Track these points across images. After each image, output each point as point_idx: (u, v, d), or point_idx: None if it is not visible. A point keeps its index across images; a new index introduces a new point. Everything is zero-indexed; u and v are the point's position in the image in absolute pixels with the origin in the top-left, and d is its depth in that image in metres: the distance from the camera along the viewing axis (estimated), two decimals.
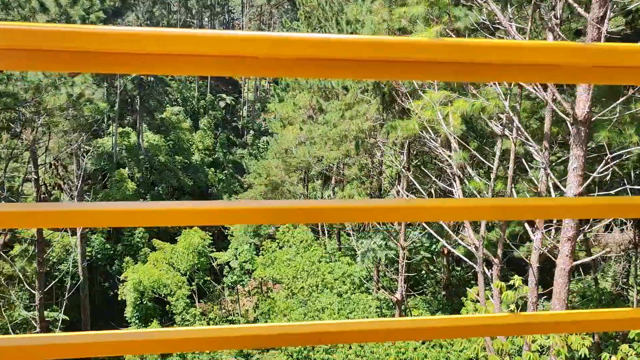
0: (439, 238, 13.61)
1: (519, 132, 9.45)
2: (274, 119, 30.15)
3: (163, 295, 30.65)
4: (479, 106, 8.73)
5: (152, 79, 41.46)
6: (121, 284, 32.87)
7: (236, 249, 32.22)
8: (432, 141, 11.03)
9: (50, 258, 29.62)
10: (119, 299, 31.39)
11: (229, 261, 32.41)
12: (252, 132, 59.20)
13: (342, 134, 14.88)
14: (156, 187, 41.35)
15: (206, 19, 71.18)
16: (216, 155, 52.49)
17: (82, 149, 23.00)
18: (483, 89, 10.12)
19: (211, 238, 35.62)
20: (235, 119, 63.70)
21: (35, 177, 14.23)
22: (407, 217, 0.95)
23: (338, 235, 27.70)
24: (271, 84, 67.79)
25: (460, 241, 11.67)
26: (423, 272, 20.94)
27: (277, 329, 0.90)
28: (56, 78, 13.08)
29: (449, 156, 10.69)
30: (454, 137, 10.24)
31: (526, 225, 9.95)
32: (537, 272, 8.76)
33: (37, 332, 14.86)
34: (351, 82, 15.63)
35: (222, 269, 33.53)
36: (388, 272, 20.21)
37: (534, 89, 9.14)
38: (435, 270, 20.48)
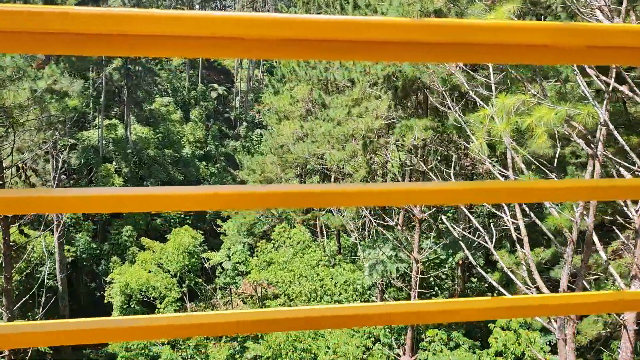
0: (465, 250, 11.88)
1: (605, 149, 7.60)
2: (269, 112, 28.39)
3: (152, 299, 29.02)
4: (564, 114, 6.83)
5: (139, 68, 39.33)
6: (108, 286, 31.28)
7: (229, 249, 30.54)
8: (481, 156, 9.11)
9: (32, 259, 27.91)
10: (106, 301, 29.82)
11: (222, 262, 30.71)
12: (245, 123, 57.27)
13: (349, 134, 13.14)
14: (145, 182, 39.47)
15: (197, 6, 68.95)
16: (208, 148, 50.58)
17: (57, 149, 21.11)
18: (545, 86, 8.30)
19: (203, 236, 34.03)
20: (227, 109, 61.73)
21: (0, 182, 12.53)
22: (402, 201, 0.89)
23: (337, 236, 26.07)
24: (265, 74, 65.81)
25: (500, 261, 9.87)
26: (431, 279, 19.36)
27: (264, 314, 0.88)
28: (14, 71, 11.23)
29: (505, 177, 8.87)
30: (519, 156, 8.41)
31: (612, 269, 8.11)
32: (634, 336, 6.94)
33: (5, 354, 13.22)
34: (358, 75, 13.85)
35: (214, 270, 31.89)
36: (394, 279, 18.60)
37: (632, 92, 7.28)
38: (444, 277, 18.88)
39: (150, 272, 30.11)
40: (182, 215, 38.84)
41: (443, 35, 0.73)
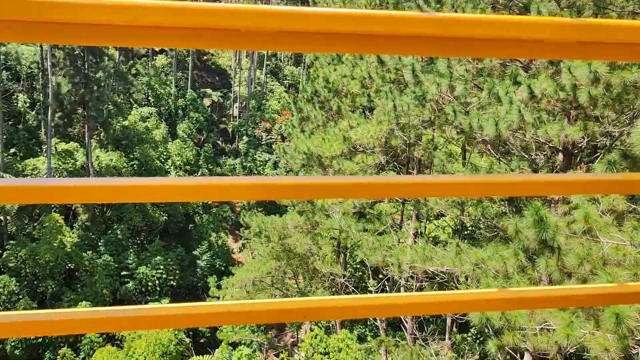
0: None
1: None
2: (290, 148, 17.99)
3: None
4: None
5: (101, 74, 28.65)
6: None
7: (230, 352, 20.10)
8: None
9: None
10: None
11: None
12: (245, 137, 46.63)
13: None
14: (112, 229, 28.90)
15: None
16: (200, 172, 40.05)
17: None
18: None
19: (189, 342, 23.57)
20: (224, 119, 51.13)
21: None
22: (423, 194, 0.86)
23: None
24: (268, 75, 55.23)
25: None
26: None
27: (260, 305, 0.86)
28: None
29: None
30: None
31: None
32: None
33: None
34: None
35: None
36: None
37: None
38: None
39: None
40: (163, 275, 28.35)
41: (439, 29, 0.72)
